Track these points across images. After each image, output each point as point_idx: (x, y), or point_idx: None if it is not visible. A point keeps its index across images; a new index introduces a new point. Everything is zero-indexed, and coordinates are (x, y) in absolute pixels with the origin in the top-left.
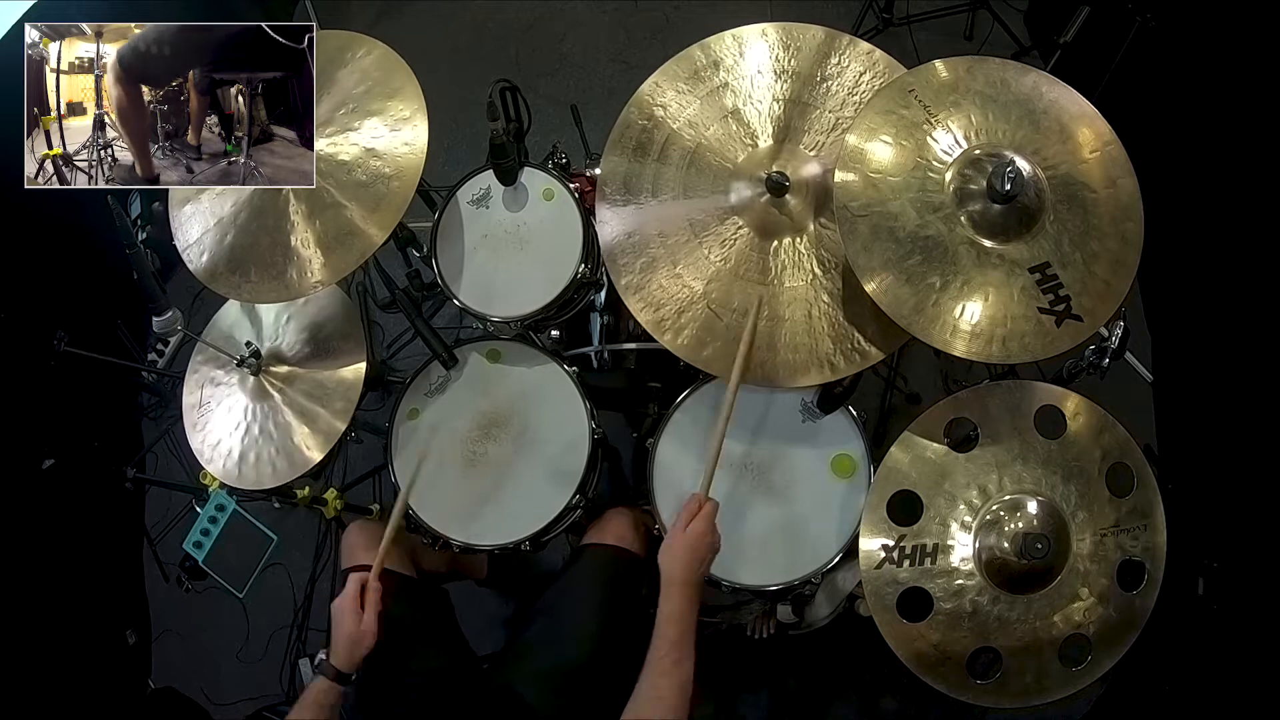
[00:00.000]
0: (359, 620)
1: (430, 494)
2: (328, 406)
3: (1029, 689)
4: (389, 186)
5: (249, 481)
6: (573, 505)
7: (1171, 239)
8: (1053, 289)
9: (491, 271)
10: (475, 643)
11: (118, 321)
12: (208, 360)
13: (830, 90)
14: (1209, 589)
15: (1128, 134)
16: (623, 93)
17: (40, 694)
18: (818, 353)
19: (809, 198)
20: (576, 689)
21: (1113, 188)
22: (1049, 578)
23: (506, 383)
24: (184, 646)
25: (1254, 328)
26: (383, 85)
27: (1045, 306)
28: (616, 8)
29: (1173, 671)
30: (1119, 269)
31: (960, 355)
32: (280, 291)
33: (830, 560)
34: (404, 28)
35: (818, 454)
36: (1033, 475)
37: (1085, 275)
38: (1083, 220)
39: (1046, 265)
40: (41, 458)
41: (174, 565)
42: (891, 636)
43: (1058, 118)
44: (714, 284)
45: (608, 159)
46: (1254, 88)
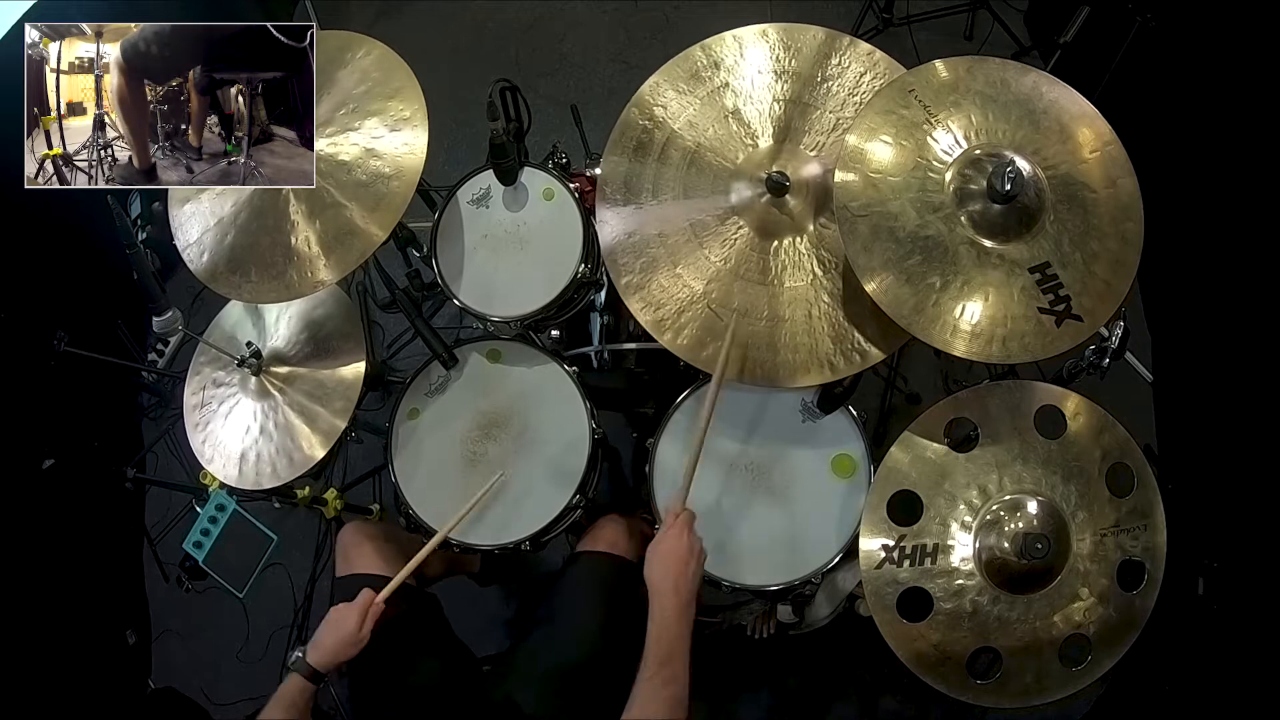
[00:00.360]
0: (359, 629)
1: (430, 494)
2: (328, 405)
3: (1029, 689)
4: (389, 186)
5: (250, 481)
6: (573, 505)
7: (1171, 239)
8: (1053, 289)
9: (491, 271)
10: (475, 643)
11: (118, 321)
12: (209, 361)
13: (830, 90)
14: (1209, 589)
15: (1128, 134)
16: (623, 93)
17: (40, 694)
18: (818, 353)
19: (809, 198)
20: (573, 694)
21: (1113, 188)
22: (1049, 578)
23: (506, 383)
24: (184, 646)
25: (1254, 328)
26: (383, 85)
27: (1045, 306)
28: (616, 8)
29: (1173, 671)
30: (1119, 269)
31: (960, 355)
32: (280, 291)
33: (830, 560)
34: (404, 28)
35: (818, 454)
36: (1033, 475)
37: (1085, 275)
38: (1083, 220)
39: (1046, 265)
40: (41, 458)
41: (174, 565)
42: (891, 636)
43: (1058, 118)
44: (714, 284)
45: (608, 159)
46: (1254, 88)
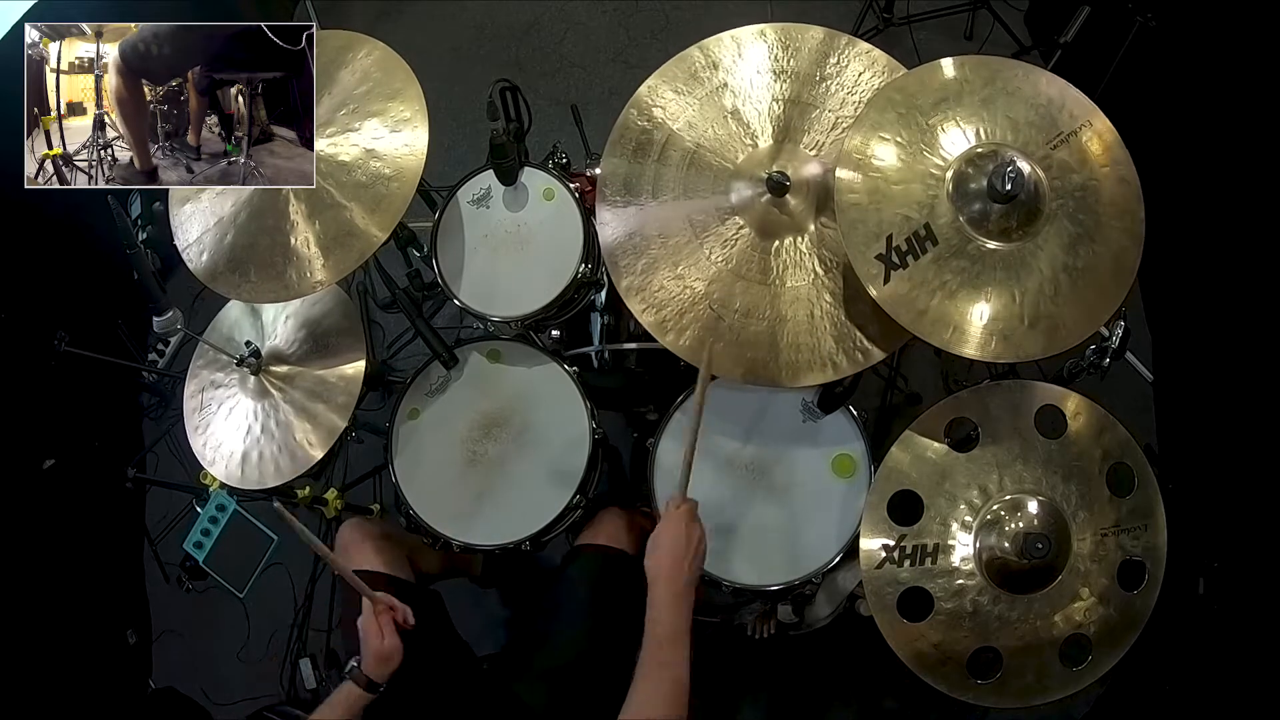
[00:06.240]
0: (382, 640)
1: (430, 494)
2: (329, 403)
3: (1029, 689)
4: (389, 187)
5: (251, 481)
6: (573, 505)
7: (1171, 239)
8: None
9: (492, 271)
10: (475, 643)
11: (118, 321)
12: (209, 361)
13: (830, 90)
14: (1209, 589)
15: (1128, 134)
16: (623, 93)
17: (40, 694)
18: (819, 352)
19: (810, 197)
20: (575, 688)
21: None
22: (1049, 578)
23: (507, 383)
24: (184, 646)
25: (1254, 328)
26: (383, 86)
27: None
28: (616, 8)
29: (1173, 671)
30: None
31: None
32: (280, 291)
33: (830, 560)
34: (404, 28)
35: (818, 454)
36: (1033, 475)
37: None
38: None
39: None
40: (42, 458)
41: (174, 565)
42: (892, 636)
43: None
44: (715, 284)
45: (608, 159)
46: (1254, 87)
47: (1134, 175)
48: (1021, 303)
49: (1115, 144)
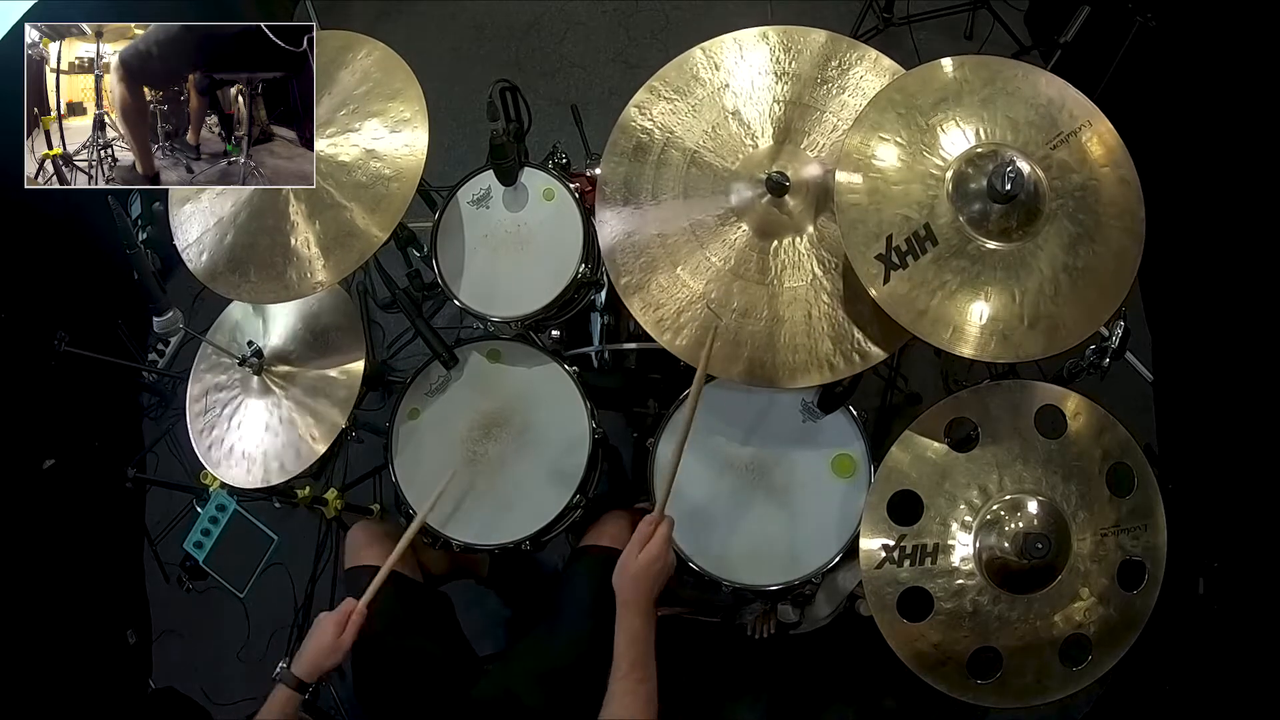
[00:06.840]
0: (338, 637)
1: (431, 494)
2: (330, 400)
3: (1029, 689)
4: (389, 187)
5: (254, 479)
6: (573, 505)
7: (1171, 239)
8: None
9: (492, 271)
10: (475, 643)
11: (118, 321)
12: (209, 368)
13: (831, 92)
14: (1209, 589)
15: (1128, 134)
16: (623, 93)
17: (40, 694)
18: (818, 353)
19: (809, 198)
20: (575, 689)
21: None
22: (1049, 577)
23: (507, 383)
24: (184, 646)
25: (1254, 328)
26: (384, 86)
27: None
28: (616, 8)
29: (1173, 671)
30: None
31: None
32: (280, 292)
33: (830, 560)
34: (404, 28)
35: (818, 454)
36: (1033, 475)
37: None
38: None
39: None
40: (42, 458)
41: (174, 565)
42: (892, 636)
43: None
44: (714, 284)
45: (608, 160)
46: (1254, 87)
47: (1134, 175)
48: (1021, 303)
49: (1115, 144)
